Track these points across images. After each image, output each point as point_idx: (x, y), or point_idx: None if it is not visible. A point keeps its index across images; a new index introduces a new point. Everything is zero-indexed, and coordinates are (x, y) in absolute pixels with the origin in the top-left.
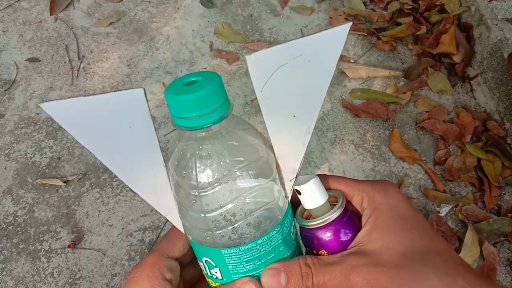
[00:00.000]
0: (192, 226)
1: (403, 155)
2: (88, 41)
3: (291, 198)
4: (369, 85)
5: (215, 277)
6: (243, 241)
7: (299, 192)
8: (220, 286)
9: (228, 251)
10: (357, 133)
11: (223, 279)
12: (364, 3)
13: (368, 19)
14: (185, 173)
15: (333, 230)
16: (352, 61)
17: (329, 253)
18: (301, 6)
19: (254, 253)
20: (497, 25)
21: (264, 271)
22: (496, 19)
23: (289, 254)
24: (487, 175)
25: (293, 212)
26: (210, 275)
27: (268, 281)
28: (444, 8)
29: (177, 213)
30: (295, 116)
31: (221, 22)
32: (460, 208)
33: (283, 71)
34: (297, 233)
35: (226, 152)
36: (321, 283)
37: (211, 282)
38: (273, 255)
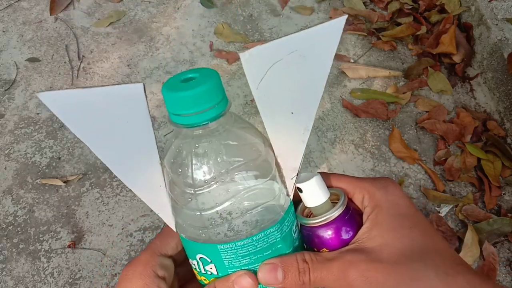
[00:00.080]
0: (186, 224)
1: (403, 155)
2: (88, 41)
3: (293, 196)
4: (369, 85)
5: (210, 273)
6: (239, 237)
7: (301, 189)
8: (215, 279)
9: (224, 246)
10: (357, 133)
11: (218, 274)
12: (364, 3)
13: (368, 19)
14: (180, 171)
15: (334, 228)
16: (352, 61)
17: (330, 251)
18: (301, 6)
19: (250, 249)
20: (497, 25)
21: (261, 266)
22: (496, 19)
23: (288, 252)
24: (487, 175)
25: (295, 209)
26: (204, 272)
27: (264, 276)
28: (444, 8)
29: (170, 211)
30: (292, 113)
31: (221, 22)
32: (460, 208)
33: (278, 68)
34: (300, 233)
35: (223, 150)
36: (318, 279)
37: (204, 279)
38: (270, 252)
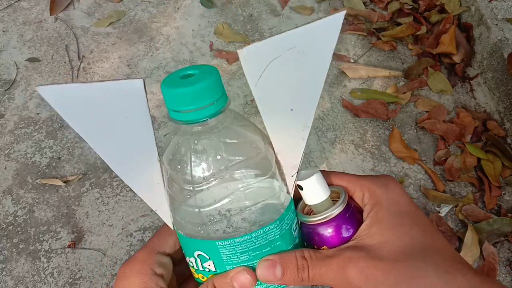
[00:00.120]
0: (185, 221)
1: (403, 155)
2: (88, 41)
3: (294, 195)
4: (369, 85)
5: (208, 270)
6: (238, 234)
7: (301, 187)
8: (214, 276)
9: (222, 242)
10: (357, 133)
11: (216, 271)
12: (364, 3)
13: (368, 19)
14: (179, 167)
15: (335, 226)
16: (352, 61)
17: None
18: (301, 6)
19: (249, 245)
20: (497, 25)
21: (259, 263)
22: (496, 19)
23: (288, 249)
24: (487, 175)
25: (295, 208)
26: (201, 270)
27: (263, 273)
28: (444, 8)
29: (167, 208)
30: (292, 110)
31: (221, 22)
32: (460, 208)
33: (277, 64)
34: (300, 231)
35: (222, 147)
36: (317, 276)
37: (202, 277)
38: (269, 249)
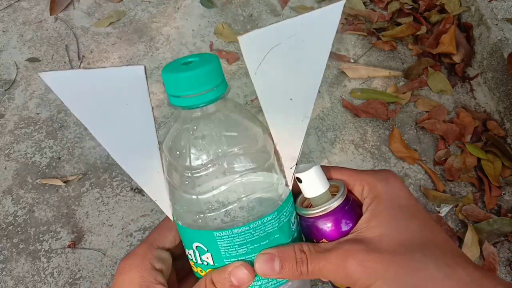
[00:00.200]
0: (183, 209)
1: (403, 155)
2: (88, 41)
3: (292, 188)
4: (369, 85)
5: (206, 263)
6: (236, 224)
7: (300, 180)
8: (212, 270)
9: (220, 233)
10: (357, 133)
11: (214, 264)
12: (364, 3)
13: (368, 19)
14: (178, 153)
15: (334, 219)
16: (352, 61)
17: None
18: (301, 6)
19: (247, 237)
20: (497, 25)
21: (257, 256)
22: (496, 19)
23: (286, 243)
24: (487, 175)
25: (294, 202)
26: (200, 263)
27: (261, 267)
28: (444, 8)
29: (167, 199)
30: (291, 99)
31: (221, 22)
32: (460, 208)
33: (277, 52)
34: (299, 225)
35: (221, 133)
36: (317, 270)
37: (200, 270)
38: (267, 241)
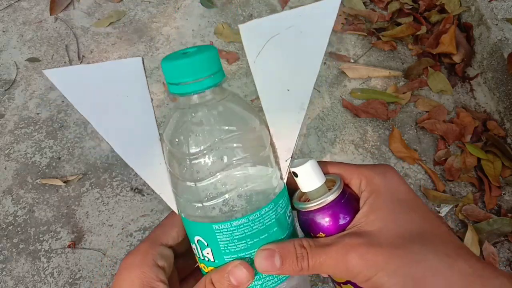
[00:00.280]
0: (183, 198)
1: (403, 155)
2: (88, 41)
3: (288, 184)
4: (369, 85)
5: (207, 259)
6: (234, 215)
7: (296, 174)
8: (212, 270)
9: (219, 226)
10: (357, 133)
11: (214, 261)
12: (364, 3)
13: (368, 19)
14: (177, 140)
15: (331, 212)
16: (352, 61)
17: (327, 236)
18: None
19: (246, 231)
20: (497, 25)
21: (257, 252)
22: (496, 19)
23: (283, 237)
24: (487, 175)
25: (291, 198)
26: (202, 258)
27: (261, 263)
28: (444, 8)
29: (171, 192)
30: (289, 90)
31: (221, 22)
32: (460, 208)
33: (276, 42)
34: (294, 220)
35: (218, 120)
36: (317, 264)
37: (204, 266)
38: (266, 235)
